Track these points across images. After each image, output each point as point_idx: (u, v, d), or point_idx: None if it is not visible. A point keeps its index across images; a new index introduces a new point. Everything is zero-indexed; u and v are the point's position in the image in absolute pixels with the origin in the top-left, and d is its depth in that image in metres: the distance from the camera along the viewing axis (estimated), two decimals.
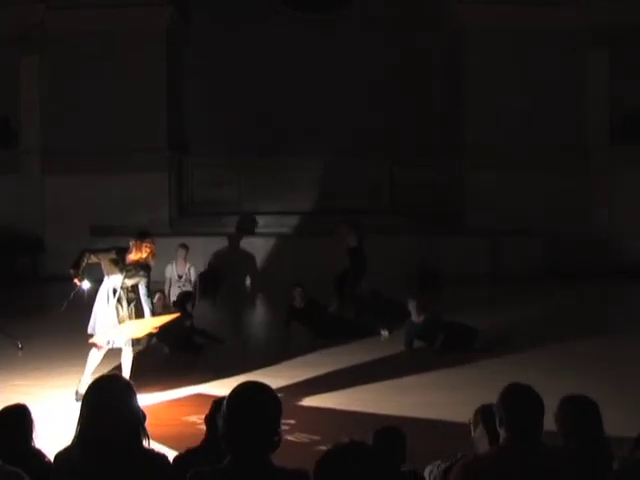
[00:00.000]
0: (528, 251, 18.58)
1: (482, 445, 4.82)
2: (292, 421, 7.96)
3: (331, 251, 17.89)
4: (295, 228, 19.64)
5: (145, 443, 3.66)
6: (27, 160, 19.83)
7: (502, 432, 3.95)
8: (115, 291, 9.36)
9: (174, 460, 4.62)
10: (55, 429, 6.91)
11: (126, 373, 9.44)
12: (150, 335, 9.87)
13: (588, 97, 19.84)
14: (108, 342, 9.37)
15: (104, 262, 9.43)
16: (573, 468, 4.03)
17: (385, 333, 12.90)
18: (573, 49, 19.52)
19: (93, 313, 9.46)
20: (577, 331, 12.81)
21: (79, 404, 3.65)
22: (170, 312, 11.10)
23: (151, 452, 3.66)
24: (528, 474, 3.76)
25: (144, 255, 9.35)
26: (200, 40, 20.88)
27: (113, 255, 9.41)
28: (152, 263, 9.50)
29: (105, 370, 9.60)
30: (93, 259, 9.44)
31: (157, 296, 12.76)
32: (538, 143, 19.31)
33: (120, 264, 9.36)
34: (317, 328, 12.78)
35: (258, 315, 16.77)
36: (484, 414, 4.83)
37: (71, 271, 9.41)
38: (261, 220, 19.93)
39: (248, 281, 18.81)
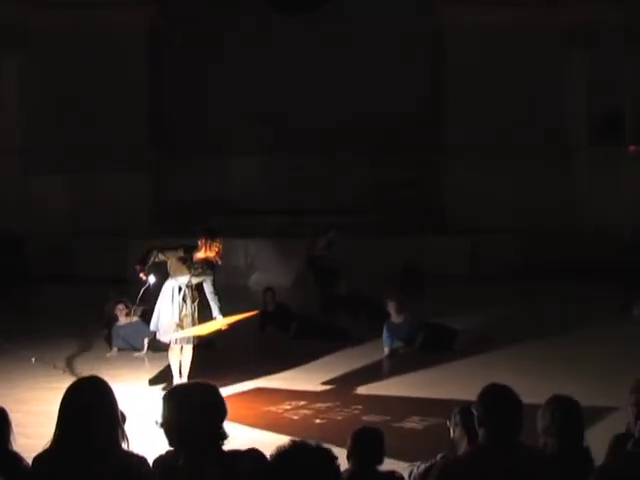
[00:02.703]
0: (510, 250, 18.61)
1: (461, 445, 4.84)
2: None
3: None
4: (278, 228, 19.59)
5: (124, 445, 3.64)
6: (9, 160, 19.69)
7: (481, 432, 3.96)
8: (180, 289, 9.41)
9: (154, 462, 4.61)
10: None
11: (185, 370, 9.61)
12: (218, 332, 9.94)
13: (569, 97, 19.91)
14: (175, 341, 9.49)
15: (171, 260, 9.48)
16: (552, 468, 4.05)
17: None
18: (554, 50, 19.56)
19: (156, 310, 9.55)
20: (557, 331, 12.86)
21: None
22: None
23: (130, 454, 3.65)
24: (507, 474, 3.77)
25: (212, 254, 9.38)
26: (183, 39, 20.78)
27: (181, 253, 9.48)
28: (219, 262, 9.53)
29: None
30: (161, 257, 9.51)
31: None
32: (520, 142, 19.35)
33: (188, 262, 9.42)
34: (292, 329, 12.78)
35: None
36: (463, 414, 4.85)
37: (137, 267, 9.49)
38: (246, 220, 19.85)
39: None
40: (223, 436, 3.59)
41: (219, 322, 9.57)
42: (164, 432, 3.59)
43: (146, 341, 11.80)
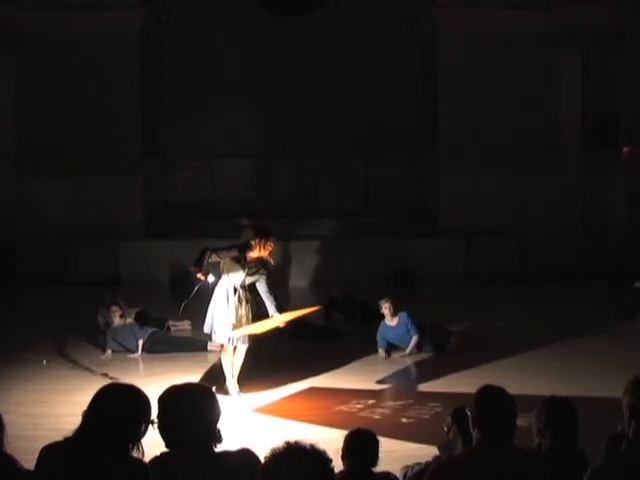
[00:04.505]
0: (503, 252, 18.60)
1: (456, 447, 4.85)
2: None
3: (309, 254, 17.98)
4: (271, 231, 19.53)
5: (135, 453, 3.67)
6: (3, 161, 19.63)
7: (475, 433, 3.97)
8: (235, 290, 9.47)
9: (149, 462, 4.61)
10: None
11: (236, 371, 9.67)
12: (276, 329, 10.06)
13: (562, 99, 19.90)
14: (229, 340, 9.51)
15: (225, 260, 9.51)
16: (546, 469, 4.05)
17: None
18: (546, 52, 19.57)
19: (209, 312, 9.59)
20: (553, 332, 12.86)
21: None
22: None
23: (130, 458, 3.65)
24: (501, 475, 3.78)
25: (265, 253, 9.48)
26: (175, 42, 20.78)
27: (235, 253, 9.52)
28: (272, 262, 9.66)
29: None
30: (214, 258, 9.53)
31: None
32: (513, 144, 19.36)
33: (242, 262, 9.47)
34: (285, 331, 12.78)
35: None
36: (457, 416, 4.87)
37: (192, 268, 9.57)
38: (235, 222, 19.82)
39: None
40: (218, 438, 3.63)
41: (276, 320, 9.67)
42: (160, 433, 3.62)
43: (140, 343, 11.78)
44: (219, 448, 3.67)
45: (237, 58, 20.98)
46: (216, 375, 9.99)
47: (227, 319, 9.43)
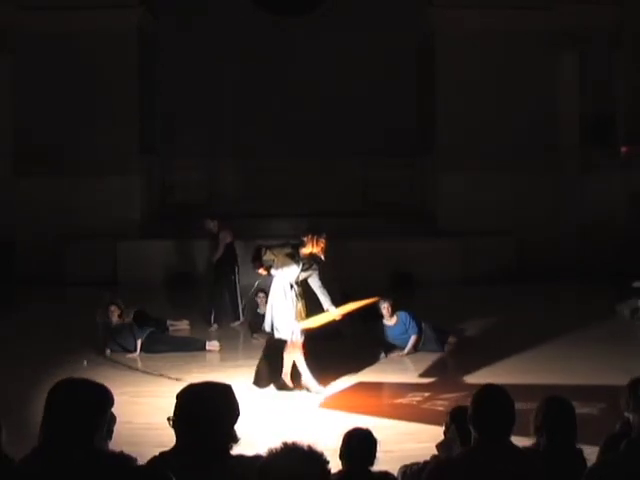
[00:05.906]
0: (500, 252, 18.60)
1: (454, 446, 4.84)
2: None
3: None
4: (269, 231, 19.56)
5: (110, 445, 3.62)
6: (1, 161, 19.63)
7: (474, 433, 3.96)
8: (291, 286, 9.62)
9: (149, 463, 4.60)
10: None
11: (287, 365, 9.81)
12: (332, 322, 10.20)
13: (560, 99, 19.93)
14: (292, 334, 9.64)
15: (279, 257, 9.67)
16: (544, 469, 4.05)
17: None
18: (544, 52, 19.59)
19: (268, 311, 9.73)
20: (552, 332, 12.86)
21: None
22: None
23: (116, 455, 3.61)
24: (499, 475, 3.77)
25: (316, 250, 9.65)
26: (173, 41, 20.77)
27: (289, 249, 9.71)
28: (323, 258, 9.83)
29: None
30: (269, 255, 9.70)
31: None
32: (510, 144, 19.37)
33: (296, 258, 9.63)
34: None
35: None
36: (456, 416, 4.86)
37: (253, 264, 9.86)
38: (237, 222, 19.76)
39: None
40: (233, 438, 3.58)
41: (332, 313, 9.83)
42: (174, 429, 3.59)
43: (139, 342, 11.77)
44: (235, 450, 3.61)
45: (237, 58, 20.97)
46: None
47: (288, 314, 9.57)
